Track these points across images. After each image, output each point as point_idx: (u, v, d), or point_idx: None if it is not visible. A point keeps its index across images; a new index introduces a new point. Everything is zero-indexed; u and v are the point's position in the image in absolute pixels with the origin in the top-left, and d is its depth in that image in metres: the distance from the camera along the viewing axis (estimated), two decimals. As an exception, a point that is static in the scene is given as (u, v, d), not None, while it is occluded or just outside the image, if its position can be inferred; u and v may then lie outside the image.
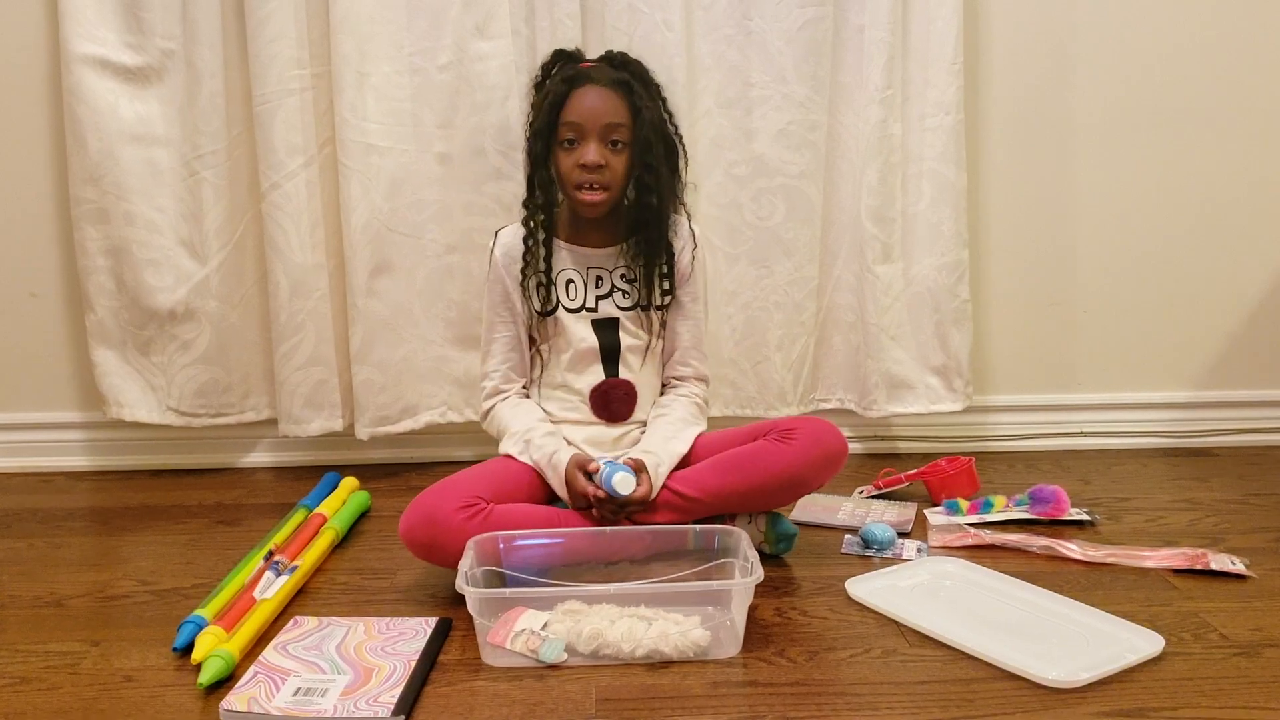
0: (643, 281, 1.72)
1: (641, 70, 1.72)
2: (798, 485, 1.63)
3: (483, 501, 1.53)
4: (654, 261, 1.72)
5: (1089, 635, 1.39)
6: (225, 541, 1.80)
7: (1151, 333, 2.33)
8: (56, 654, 1.39)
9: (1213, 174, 2.26)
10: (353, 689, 1.26)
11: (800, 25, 2.06)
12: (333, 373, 2.12)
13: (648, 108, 1.65)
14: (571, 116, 1.63)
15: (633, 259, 1.72)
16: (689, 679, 1.30)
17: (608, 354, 1.73)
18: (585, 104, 1.63)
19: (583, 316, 1.72)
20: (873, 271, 2.14)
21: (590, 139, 1.63)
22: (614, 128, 1.63)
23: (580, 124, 1.63)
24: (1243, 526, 1.83)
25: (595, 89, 1.64)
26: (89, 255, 2.06)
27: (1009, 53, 2.19)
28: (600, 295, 1.73)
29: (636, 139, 1.65)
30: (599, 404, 1.73)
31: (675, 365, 1.79)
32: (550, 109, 1.64)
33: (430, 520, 1.50)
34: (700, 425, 1.75)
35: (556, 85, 1.65)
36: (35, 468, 2.22)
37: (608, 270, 1.74)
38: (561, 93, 1.64)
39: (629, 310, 1.74)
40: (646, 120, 1.65)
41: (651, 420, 1.74)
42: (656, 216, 1.69)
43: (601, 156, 1.63)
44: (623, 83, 1.65)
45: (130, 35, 2.00)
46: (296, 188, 2.02)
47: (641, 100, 1.65)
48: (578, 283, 1.73)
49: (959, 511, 1.85)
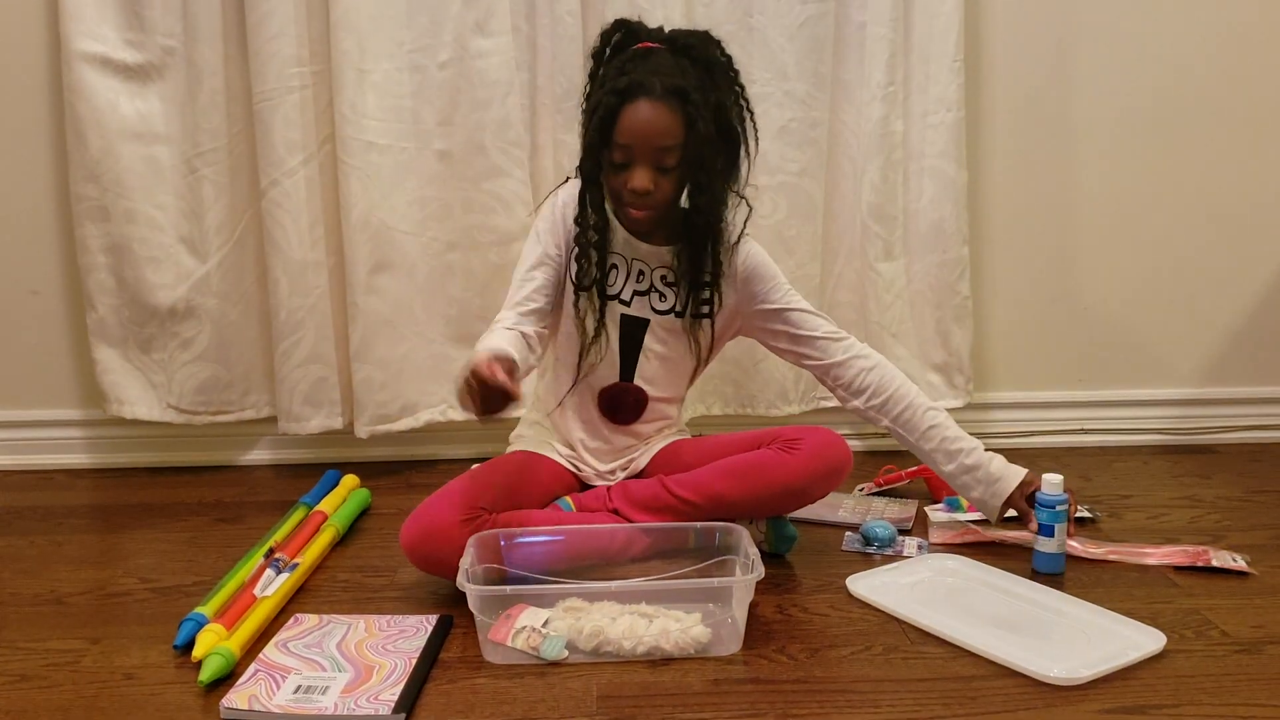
0: (684, 286, 1.64)
1: (708, 52, 1.58)
2: (800, 495, 1.63)
3: (485, 512, 1.52)
4: (700, 269, 1.63)
5: (1090, 632, 1.39)
6: (225, 539, 1.80)
7: (1153, 329, 2.32)
8: (57, 651, 1.39)
9: (1214, 171, 2.25)
10: (353, 687, 1.26)
11: (801, 22, 2.05)
12: (333, 370, 2.12)
13: (703, 119, 1.52)
14: (622, 138, 1.52)
15: (679, 263, 1.63)
16: (690, 676, 1.30)
17: (627, 356, 1.68)
18: (636, 124, 1.51)
19: (613, 307, 1.65)
20: (875, 269, 2.14)
21: (640, 164, 1.53)
22: (664, 152, 1.52)
23: (630, 146, 1.52)
24: (1244, 523, 1.83)
25: (647, 105, 1.50)
26: (90, 253, 2.06)
27: (1010, 49, 2.19)
28: (638, 291, 1.66)
29: (687, 157, 1.53)
30: (606, 405, 1.70)
31: (820, 335, 1.67)
32: (601, 125, 1.52)
33: (431, 535, 1.49)
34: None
35: (607, 97, 1.51)
36: (36, 465, 2.22)
37: (650, 268, 1.66)
38: (613, 106, 1.51)
39: (664, 314, 1.66)
40: (700, 135, 1.52)
41: (937, 433, 1.63)
42: (703, 229, 1.59)
43: (651, 181, 1.53)
44: (677, 92, 1.51)
45: (130, 32, 2.00)
46: (296, 185, 2.02)
47: (697, 110, 1.51)
48: (620, 269, 1.65)
49: (959, 509, 1.84)
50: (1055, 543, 1.59)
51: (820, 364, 1.68)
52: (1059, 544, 1.59)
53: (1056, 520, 1.58)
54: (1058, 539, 1.59)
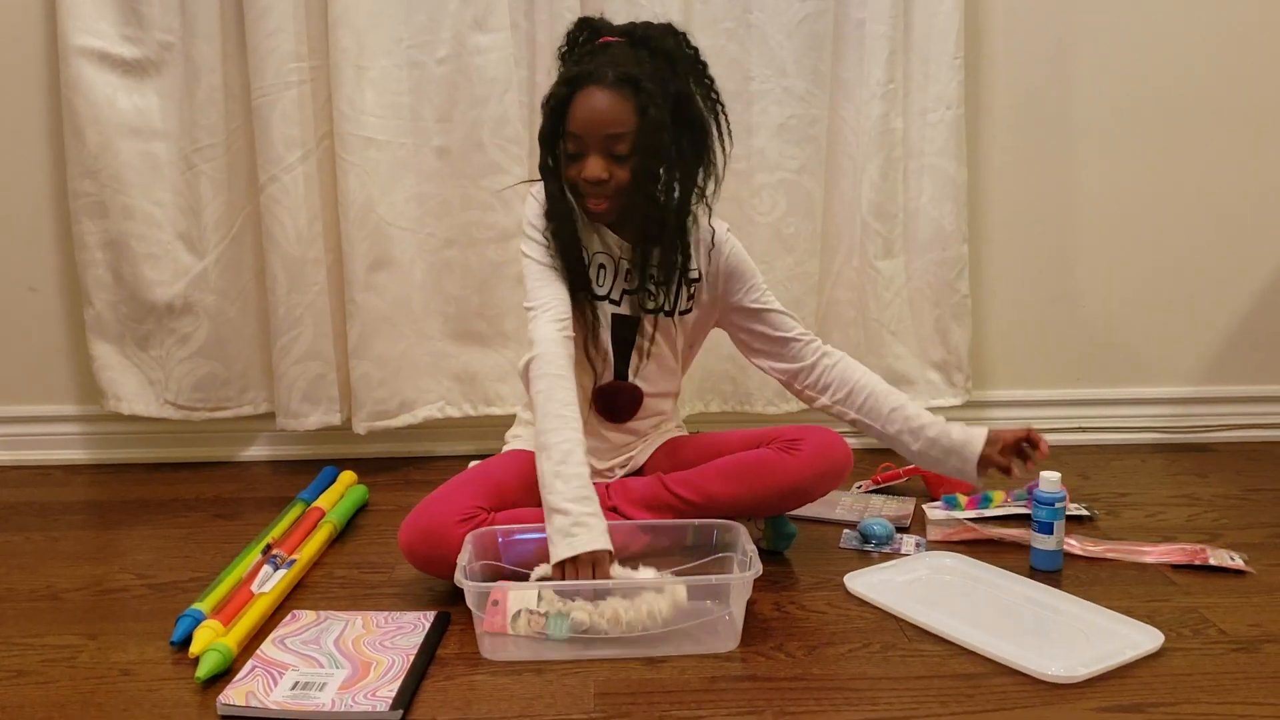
0: (662, 285, 1.60)
1: (667, 43, 1.54)
2: (800, 495, 1.63)
3: (483, 511, 1.52)
4: (670, 264, 1.59)
5: (1088, 631, 1.39)
6: (223, 535, 1.80)
7: (1151, 328, 2.33)
8: (54, 647, 1.39)
9: (1213, 170, 2.26)
10: (351, 683, 1.26)
11: (800, 19, 2.05)
12: (331, 367, 2.12)
13: (656, 106, 1.48)
14: (573, 127, 1.50)
15: (640, 256, 1.60)
16: (687, 673, 1.30)
17: (620, 354, 1.66)
18: (585, 112, 1.48)
19: (604, 307, 1.63)
20: (874, 267, 2.14)
21: (591, 151, 1.50)
22: (615, 139, 1.49)
23: (581, 135, 1.50)
24: (1241, 522, 1.83)
25: (598, 92, 1.48)
26: (87, 249, 2.06)
27: (1010, 47, 2.19)
28: (628, 290, 1.63)
29: (640, 145, 1.50)
30: (602, 404, 1.68)
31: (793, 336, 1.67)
32: (553, 114, 1.51)
33: (429, 535, 1.48)
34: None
35: (559, 88, 1.51)
36: (33, 461, 2.22)
37: (637, 266, 1.62)
38: (563, 96, 1.50)
39: (652, 312, 1.63)
40: (653, 122, 1.48)
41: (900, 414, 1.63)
42: (659, 222, 1.56)
43: (604, 170, 1.50)
44: (629, 79, 1.48)
45: (128, 28, 2.00)
46: (295, 181, 2.02)
47: (650, 98, 1.48)
48: (608, 269, 1.62)
49: (957, 506, 1.84)
50: (1053, 540, 1.59)
51: (791, 368, 1.68)
52: (1057, 542, 1.60)
53: (1055, 518, 1.58)
54: (1056, 537, 1.59)
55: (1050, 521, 1.58)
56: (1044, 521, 1.59)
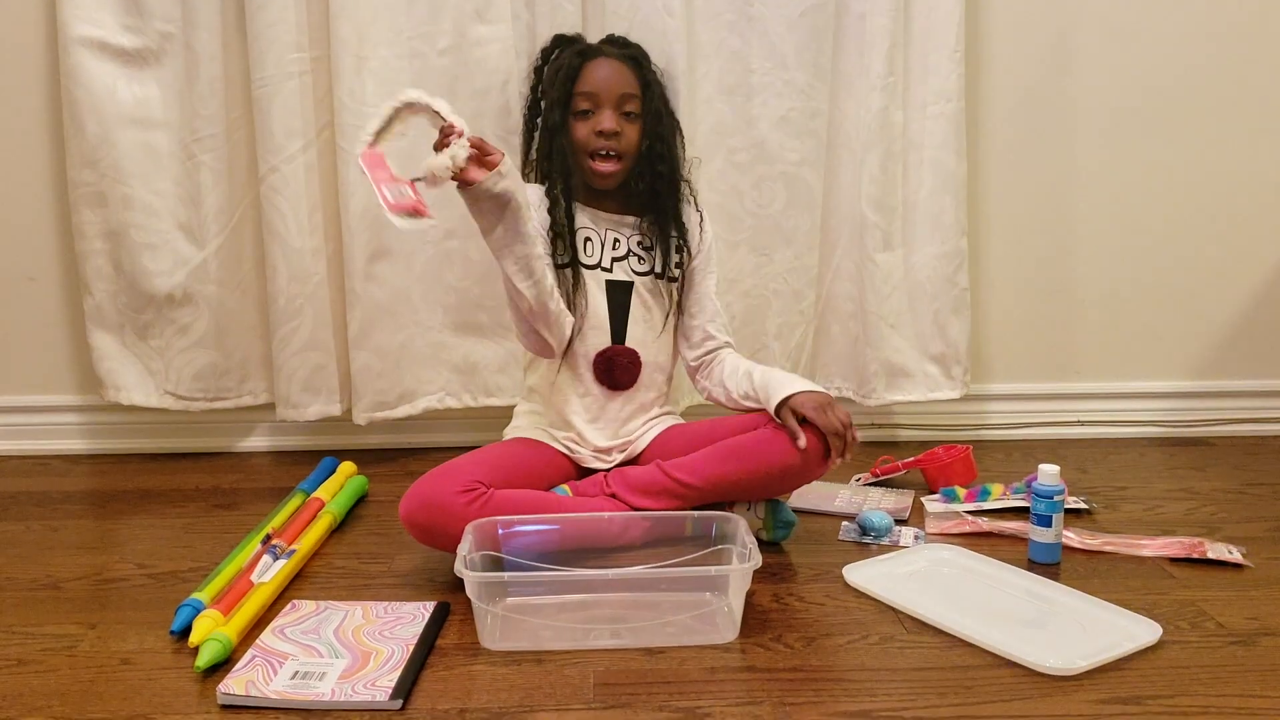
0: (659, 249, 1.74)
1: (643, 53, 1.78)
2: (799, 475, 1.63)
3: (483, 486, 1.53)
4: (668, 229, 1.74)
5: (1086, 623, 1.39)
6: (223, 525, 1.80)
7: (1150, 322, 2.33)
8: (54, 636, 1.39)
9: (1212, 164, 2.26)
10: (350, 673, 1.26)
11: (801, 11, 2.05)
12: (331, 357, 2.12)
13: (655, 82, 1.73)
14: (586, 87, 1.69)
15: (648, 227, 1.75)
16: (687, 664, 1.30)
17: (616, 319, 1.73)
18: (599, 75, 1.69)
19: (597, 275, 1.72)
20: (873, 260, 2.14)
21: (605, 107, 1.68)
22: (628, 98, 1.70)
23: (595, 93, 1.68)
24: (1239, 515, 1.83)
25: (607, 61, 1.71)
26: (87, 239, 2.06)
27: (1010, 41, 2.18)
28: (616, 257, 1.74)
29: (647, 110, 1.71)
30: (601, 370, 1.72)
31: (708, 336, 1.79)
32: (565, 80, 1.69)
33: (430, 504, 1.50)
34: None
35: (569, 59, 1.71)
36: (32, 451, 2.22)
37: (624, 236, 1.75)
38: (575, 65, 1.70)
39: (644, 276, 1.74)
40: (656, 93, 1.73)
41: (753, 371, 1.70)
42: (668, 184, 1.73)
43: (617, 124, 1.68)
44: (632, 57, 1.73)
45: (129, 18, 1.99)
46: (295, 172, 2.02)
47: (650, 75, 1.73)
48: (595, 241, 1.73)
49: (956, 499, 1.85)
50: (1052, 533, 1.59)
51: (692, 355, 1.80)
52: (1055, 534, 1.60)
53: (1053, 511, 1.58)
54: (1054, 530, 1.59)
55: (1049, 514, 1.59)
56: (1042, 514, 1.59)
